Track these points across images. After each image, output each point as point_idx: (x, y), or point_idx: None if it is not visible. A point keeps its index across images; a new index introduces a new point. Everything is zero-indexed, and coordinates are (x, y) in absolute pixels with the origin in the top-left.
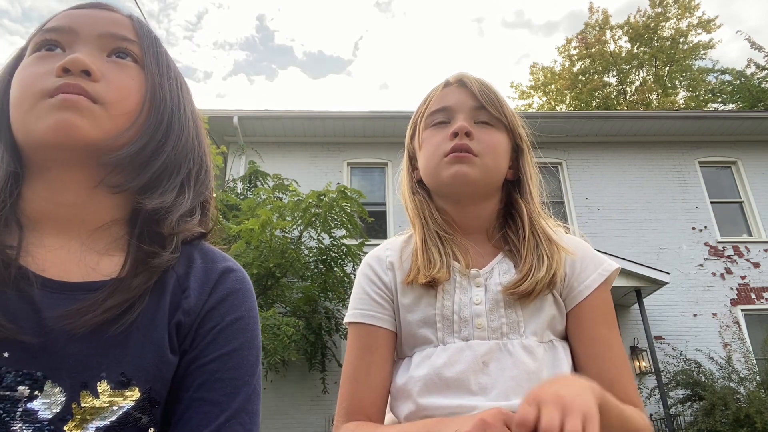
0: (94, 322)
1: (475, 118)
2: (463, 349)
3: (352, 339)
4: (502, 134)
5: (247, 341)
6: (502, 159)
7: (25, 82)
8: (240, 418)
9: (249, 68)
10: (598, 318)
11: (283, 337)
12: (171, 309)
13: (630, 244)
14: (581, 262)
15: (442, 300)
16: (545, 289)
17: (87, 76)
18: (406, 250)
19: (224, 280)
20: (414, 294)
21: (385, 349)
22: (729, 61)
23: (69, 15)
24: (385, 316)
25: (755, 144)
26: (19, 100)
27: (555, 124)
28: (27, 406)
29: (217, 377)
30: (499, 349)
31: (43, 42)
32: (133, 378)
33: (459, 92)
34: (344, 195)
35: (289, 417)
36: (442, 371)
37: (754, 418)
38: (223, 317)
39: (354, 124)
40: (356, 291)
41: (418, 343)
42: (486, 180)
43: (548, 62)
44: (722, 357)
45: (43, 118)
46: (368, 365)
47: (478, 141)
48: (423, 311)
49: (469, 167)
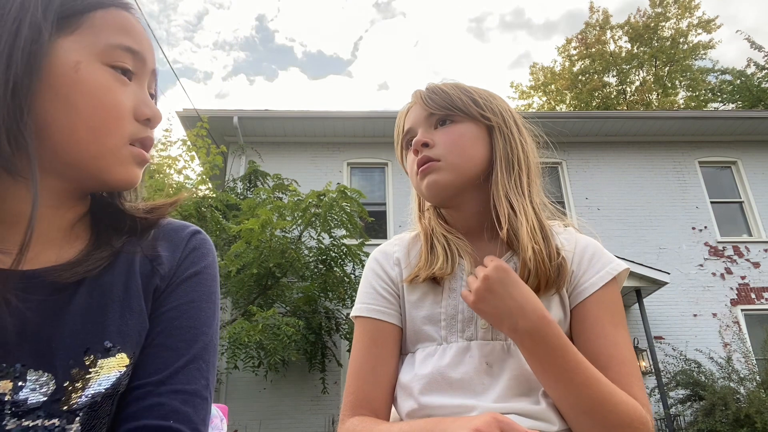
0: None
1: (433, 124)
2: (467, 350)
3: (359, 333)
4: (463, 125)
5: (204, 294)
6: (470, 148)
7: (111, 113)
8: (197, 363)
9: (249, 68)
10: (604, 316)
11: (283, 337)
12: (144, 277)
13: (630, 244)
14: (589, 260)
15: (447, 299)
16: (551, 287)
17: (149, 124)
18: (414, 248)
19: (190, 241)
20: (420, 291)
21: (392, 344)
22: (728, 62)
23: (140, 36)
24: (391, 311)
25: (755, 144)
26: (103, 130)
27: (555, 124)
28: (14, 398)
29: (176, 324)
30: (502, 349)
31: (118, 59)
32: (118, 344)
33: (415, 109)
34: (344, 195)
35: (289, 417)
36: (447, 372)
37: (754, 418)
38: (183, 272)
39: (354, 124)
40: (363, 285)
41: (420, 340)
42: (459, 177)
43: (548, 62)
44: (722, 357)
45: (124, 166)
46: (374, 360)
47: (437, 145)
48: (428, 309)
49: (436, 174)
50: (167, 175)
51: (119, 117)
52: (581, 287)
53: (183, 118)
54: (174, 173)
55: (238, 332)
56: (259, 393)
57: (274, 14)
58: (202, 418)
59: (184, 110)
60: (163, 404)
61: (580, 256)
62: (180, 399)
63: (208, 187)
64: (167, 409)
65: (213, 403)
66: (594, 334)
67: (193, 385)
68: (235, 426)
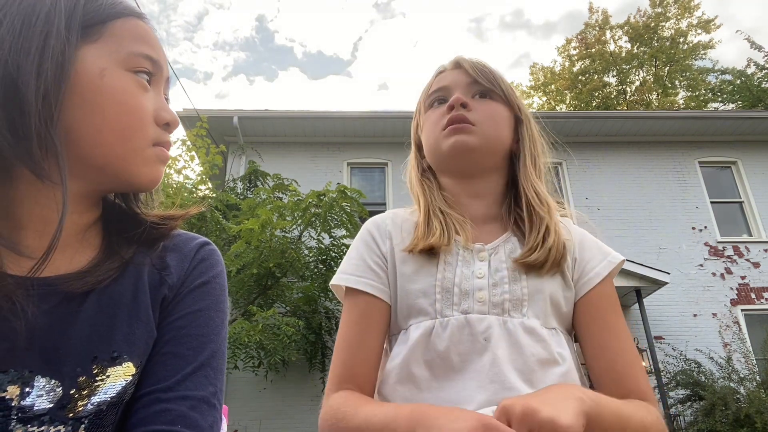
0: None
1: (472, 92)
2: (464, 327)
3: (350, 306)
4: (499, 105)
5: (213, 303)
6: (503, 128)
7: (136, 116)
8: (205, 370)
9: (249, 69)
10: (607, 308)
11: (283, 337)
12: (152, 287)
13: (630, 244)
14: (589, 249)
15: (443, 271)
16: (555, 266)
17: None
18: (408, 221)
19: (198, 252)
20: (415, 263)
21: (381, 320)
22: (728, 62)
23: (157, 45)
24: (382, 286)
25: (755, 144)
26: (128, 131)
27: (555, 124)
28: (21, 404)
29: (184, 333)
30: (499, 325)
31: (140, 65)
32: (125, 354)
33: (454, 73)
34: (344, 195)
35: (289, 417)
36: (447, 355)
37: (754, 418)
38: (192, 281)
39: (354, 124)
40: (353, 255)
41: (413, 314)
42: (487, 148)
43: (548, 62)
44: (722, 357)
45: (149, 166)
46: (363, 334)
47: (475, 111)
48: (423, 281)
49: (468, 136)
50: (167, 175)
51: (143, 120)
52: (586, 277)
53: (183, 118)
54: (174, 173)
55: (238, 332)
56: (259, 393)
57: (274, 14)
58: (210, 424)
59: (184, 110)
60: (171, 410)
61: (581, 245)
62: (188, 405)
63: (208, 186)
64: (174, 415)
65: None
66: (601, 327)
67: (201, 391)
68: (235, 426)
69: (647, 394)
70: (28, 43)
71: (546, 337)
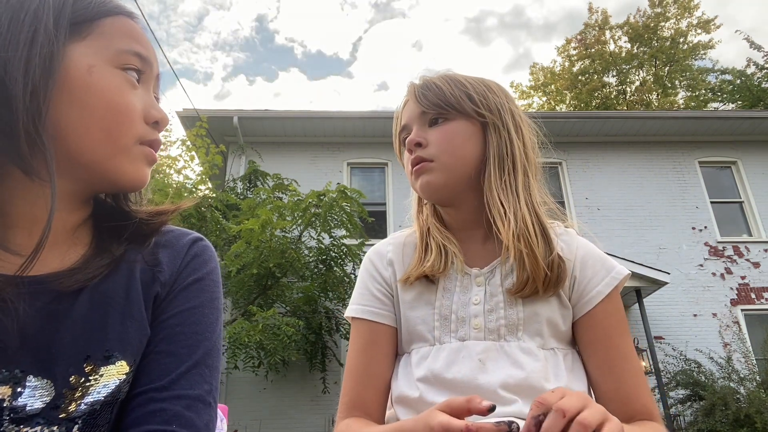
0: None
1: (427, 122)
2: (460, 350)
3: (354, 335)
4: (455, 122)
5: (207, 300)
6: (463, 147)
7: (124, 114)
8: (200, 369)
9: (249, 69)
10: (613, 326)
11: (283, 337)
12: (145, 285)
13: (630, 244)
14: (591, 266)
15: (441, 299)
16: (552, 289)
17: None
18: (408, 246)
19: (191, 249)
20: (415, 290)
21: (387, 346)
22: (727, 62)
23: (146, 43)
24: (385, 312)
25: (755, 144)
26: (116, 129)
27: (555, 124)
28: (13, 404)
29: (178, 331)
30: (496, 349)
31: (129, 63)
32: (118, 352)
33: (410, 105)
34: (344, 195)
35: (289, 417)
36: (442, 374)
37: (754, 418)
38: (185, 278)
39: (354, 124)
40: (358, 286)
41: (414, 340)
42: (452, 178)
43: (548, 63)
44: (722, 357)
45: (135, 165)
46: (368, 362)
47: (430, 144)
48: (422, 309)
49: (429, 175)
50: (167, 175)
51: (131, 118)
52: (588, 296)
53: (183, 118)
54: (174, 173)
55: (238, 332)
56: (259, 393)
57: (274, 15)
58: (206, 423)
59: (184, 110)
60: (166, 409)
61: (582, 262)
62: (183, 404)
63: (208, 186)
64: (170, 414)
65: None
66: (606, 347)
67: (196, 390)
68: (235, 426)
69: (653, 414)
70: (16, 39)
71: (542, 357)
